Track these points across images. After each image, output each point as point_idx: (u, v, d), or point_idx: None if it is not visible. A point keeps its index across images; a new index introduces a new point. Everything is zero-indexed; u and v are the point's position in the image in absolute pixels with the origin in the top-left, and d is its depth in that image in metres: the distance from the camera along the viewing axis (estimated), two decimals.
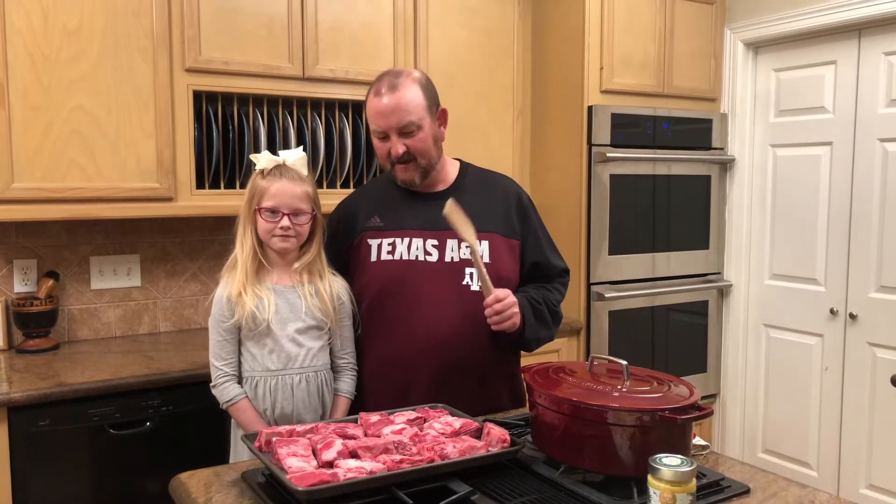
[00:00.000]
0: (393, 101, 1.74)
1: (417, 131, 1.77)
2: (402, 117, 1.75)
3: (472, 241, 1.67)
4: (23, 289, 2.51)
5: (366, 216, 1.88)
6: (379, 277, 1.83)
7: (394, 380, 1.82)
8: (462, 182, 1.91)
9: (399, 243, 1.82)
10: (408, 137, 1.77)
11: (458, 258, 1.81)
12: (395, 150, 1.77)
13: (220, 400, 1.77)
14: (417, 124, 1.76)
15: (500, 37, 3.08)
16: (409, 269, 1.81)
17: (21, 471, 1.98)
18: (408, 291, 1.79)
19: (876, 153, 2.95)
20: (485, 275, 1.68)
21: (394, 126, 1.75)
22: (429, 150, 1.80)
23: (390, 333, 1.81)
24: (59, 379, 2.08)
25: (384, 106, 1.75)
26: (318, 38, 2.62)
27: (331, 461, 1.28)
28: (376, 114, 1.77)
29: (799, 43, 3.20)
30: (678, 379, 1.45)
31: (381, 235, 1.84)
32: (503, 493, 1.29)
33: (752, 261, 3.44)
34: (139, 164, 2.35)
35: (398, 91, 1.75)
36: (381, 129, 1.78)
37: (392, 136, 1.77)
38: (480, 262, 1.69)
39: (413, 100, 1.76)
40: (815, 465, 3.21)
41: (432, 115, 1.81)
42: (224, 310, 1.75)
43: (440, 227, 1.80)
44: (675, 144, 3.24)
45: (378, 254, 1.84)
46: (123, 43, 2.30)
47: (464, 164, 1.97)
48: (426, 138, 1.79)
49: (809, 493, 1.34)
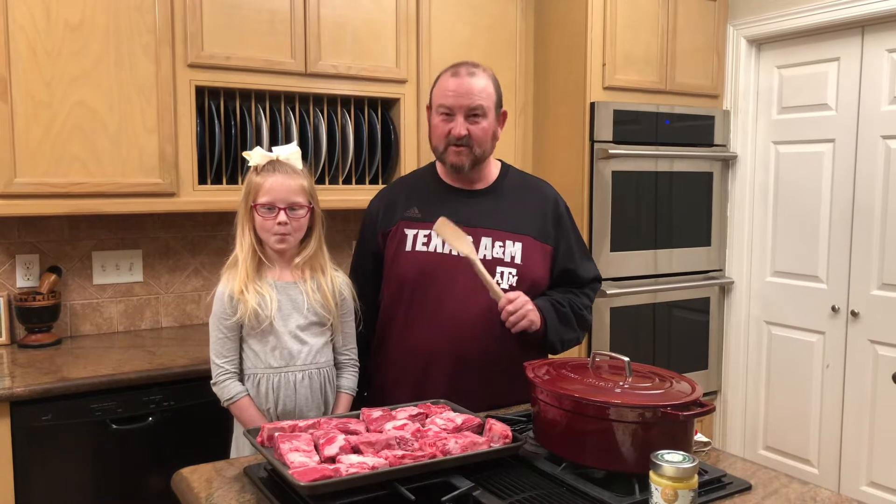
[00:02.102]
0: (469, 83, 1.82)
1: (482, 119, 1.84)
2: (475, 100, 1.82)
3: (469, 253, 1.73)
4: (25, 284, 2.52)
5: (405, 206, 1.92)
6: (412, 267, 1.86)
7: (414, 367, 1.84)
8: (502, 182, 1.96)
9: (434, 236, 1.85)
10: (473, 121, 1.83)
11: (490, 256, 1.85)
12: (457, 130, 1.82)
13: (222, 398, 1.77)
14: (485, 111, 1.84)
15: (503, 33, 3.08)
16: (441, 263, 1.84)
17: (23, 465, 1.99)
18: (437, 284, 1.83)
19: (878, 150, 2.94)
20: (490, 281, 1.74)
21: (465, 106, 1.82)
22: (486, 139, 1.86)
23: (415, 322, 1.85)
24: (62, 374, 2.09)
25: (460, 85, 1.82)
26: (321, 33, 2.61)
27: (333, 456, 1.28)
28: (452, 91, 1.83)
29: (802, 40, 3.19)
30: (680, 375, 1.45)
31: (418, 226, 1.88)
32: (505, 489, 1.29)
33: (753, 258, 3.44)
34: (141, 159, 2.35)
35: (476, 77, 1.84)
36: (451, 106, 1.83)
37: (458, 117, 1.83)
38: (482, 271, 1.73)
39: (486, 88, 1.85)
40: (816, 462, 3.21)
41: (497, 110, 1.89)
42: (226, 307, 1.74)
43: (475, 225, 1.86)
44: (677, 141, 3.23)
45: (413, 244, 1.87)
46: (125, 38, 2.30)
47: (505, 165, 2.02)
48: (488, 128, 1.86)
49: (811, 489, 1.34)
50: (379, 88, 2.75)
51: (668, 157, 3.19)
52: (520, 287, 1.84)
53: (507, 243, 1.86)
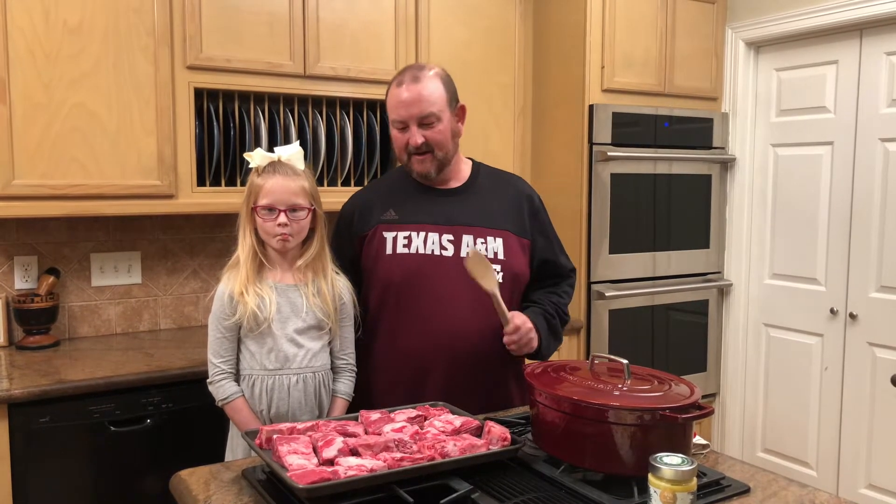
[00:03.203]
0: (415, 91, 1.79)
1: (437, 123, 1.81)
2: (424, 108, 1.79)
3: (493, 290, 1.68)
4: (23, 285, 2.51)
5: (381, 209, 1.90)
6: (395, 270, 1.83)
7: (407, 374, 1.82)
8: (475, 180, 1.94)
9: (415, 237, 1.83)
10: (427, 129, 1.80)
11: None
12: (413, 140, 1.80)
13: (216, 397, 1.77)
14: (437, 116, 1.80)
15: (502, 35, 3.08)
16: (424, 263, 1.82)
17: (21, 467, 1.98)
18: (423, 285, 1.81)
19: (877, 153, 2.94)
20: (505, 312, 1.71)
21: (415, 116, 1.79)
22: (446, 142, 1.84)
23: (404, 326, 1.82)
24: (60, 376, 2.09)
25: (406, 96, 1.79)
26: (320, 35, 2.62)
27: (331, 459, 1.28)
28: (398, 103, 1.81)
29: (800, 42, 3.20)
30: (679, 378, 1.45)
31: (397, 228, 1.86)
32: (504, 492, 1.29)
33: (752, 260, 3.44)
34: (140, 161, 2.35)
35: (420, 83, 1.79)
36: (402, 118, 1.81)
37: (412, 127, 1.80)
38: (500, 304, 1.70)
39: (434, 92, 1.80)
40: (814, 465, 3.21)
41: (452, 109, 1.85)
42: (225, 308, 1.74)
43: (455, 223, 1.84)
44: (676, 144, 3.24)
45: (394, 246, 1.85)
46: (124, 40, 2.30)
47: (476, 163, 2.00)
48: (445, 131, 1.82)
49: (809, 492, 1.34)
50: (378, 90, 2.75)
51: (666, 160, 3.20)
52: (504, 282, 1.82)
53: (489, 239, 1.84)
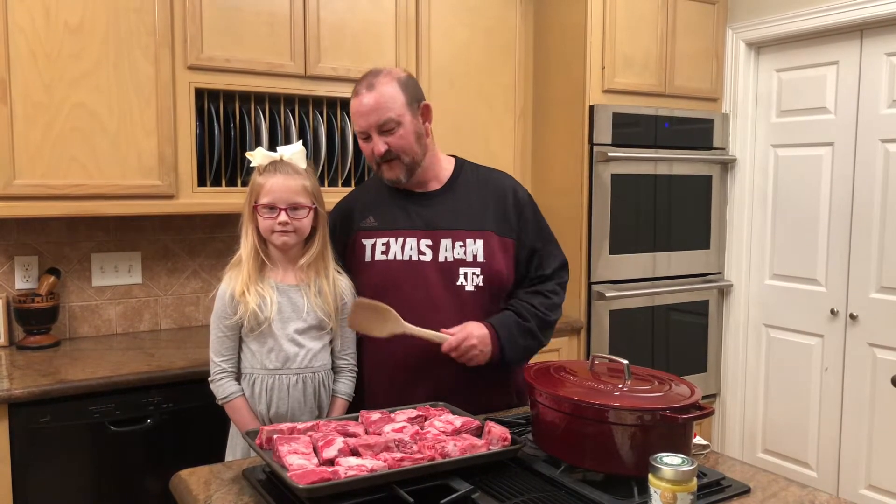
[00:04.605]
0: (371, 99, 1.75)
1: (397, 128, 1.76)
2: (381, 115, 1.75)
3: (391, 331, 1.69)
4: (24, 285, 2.51)
5: (361, 216, 1.88)
6: (373, 277, 1.82)
7: (394, 380, 1.82)
8: (457, 180, 1.90)
9: (393, 243, 1.82)
10: (388, 135, 1.77)
11: (451, 258, 1.81)
12: (377, 148, 1.77)
13: (217, 396, 1.77)
14: (397, 121, 1.76)
15: (502, 36, 3.08)
16: (403, 269, 1.80)
17: (22, 467, 1.98)
18: (402, 291, 1.78)
19: (877, 154, 2.94)
20: (428, 335, 1.70)
21: (374, 124, 1.76)
22: (411, 146, 1.79)
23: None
24: (60, 376, 2.09)
25: (363, 105, 1.76)
26: (320, 36, 2.62)
27: (332, 459, 1.28)
28: (356, 114, 1.78)
29: (801, 43, 3.20)
30: (679, 378, 1.45)
31: (375, 235, 1.84)
32: (504, 492, 1.29)
33: (752, 261, 3.44)
34: (140, 161, 2.35)
35: (375, 89, 1.75)
36: (363, 128, 1.78)
37: (373, 135, 1.77)
38: (416, 332, 1.69)
39: (391, 97, 1.75)
40: (814, 466, 3.21)
41: (413, 111, 1.80)
42: (227, 307, 1.74)
43: (434, 227, 1.81)
44: (676, 144, 3.24)
45: (372, 254, 1.84)
46: (125, 40, 2.30)
47: (459, 162, 1.95)
48: (407, 135, 1.78)
49: (809, 493, 1.34)
50: None
51: (667, 161, 3.20)
52: (485, 285, 1.80)
53: (468, 242, 1.81)
